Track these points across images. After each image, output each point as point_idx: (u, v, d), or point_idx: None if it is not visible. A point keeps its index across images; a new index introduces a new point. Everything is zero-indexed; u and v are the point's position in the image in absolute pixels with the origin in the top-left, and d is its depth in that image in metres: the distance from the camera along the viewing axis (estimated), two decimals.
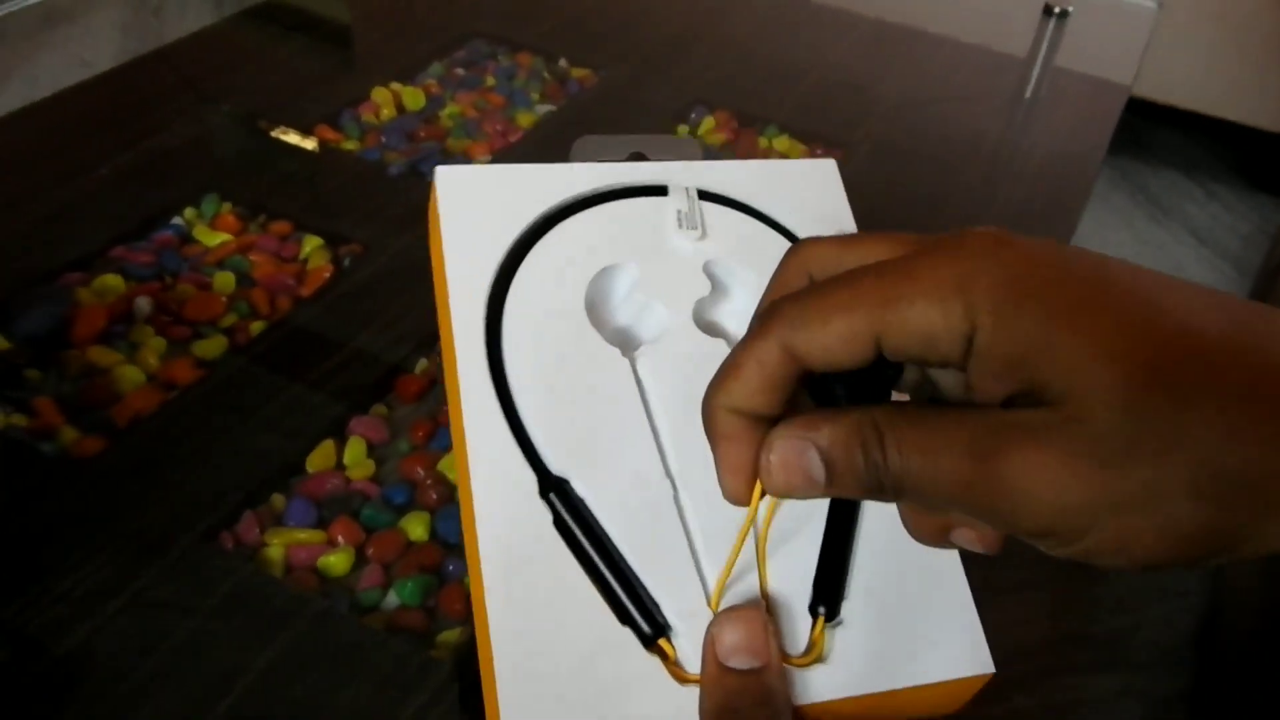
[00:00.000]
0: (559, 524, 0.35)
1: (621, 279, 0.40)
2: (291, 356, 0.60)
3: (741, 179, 0.43)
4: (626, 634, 0.34)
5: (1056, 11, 0.92)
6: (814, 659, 0.34)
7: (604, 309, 0.40)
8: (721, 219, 0.42)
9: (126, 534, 0.49)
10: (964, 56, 0.98)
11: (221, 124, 0.80)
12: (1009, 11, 1.03)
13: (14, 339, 0.59)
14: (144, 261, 0.65)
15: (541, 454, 0.36)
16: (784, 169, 0.44)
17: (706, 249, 0.41)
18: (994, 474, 0.24)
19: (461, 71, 0.88)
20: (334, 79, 0.86)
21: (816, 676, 0.34)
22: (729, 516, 0.30)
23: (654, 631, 0.33)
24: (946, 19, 1.02)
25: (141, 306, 0.62)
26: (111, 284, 0.63)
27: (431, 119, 0.82)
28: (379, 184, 0.75)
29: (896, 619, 0.36)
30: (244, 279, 0.65)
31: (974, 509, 0.25)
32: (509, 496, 0.35)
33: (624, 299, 0.41)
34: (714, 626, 0.33)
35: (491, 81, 0.87)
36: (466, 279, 0.38)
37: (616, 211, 0.41)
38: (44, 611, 0.46)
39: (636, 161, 0.43)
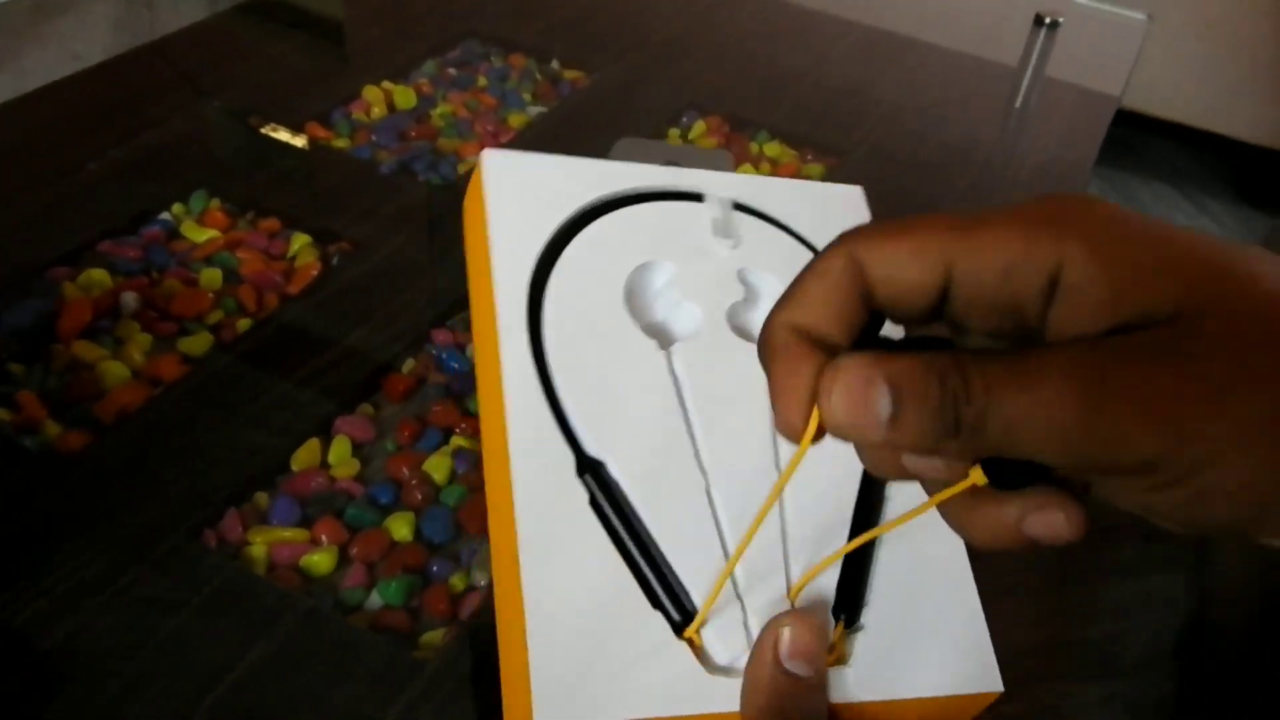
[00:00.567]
0: (594, 504, 0.35)
1: (659, 275, 0.41)
2: (278, 354, 0.60)
3: (773, 195, 0.44)
4: (656, 618, 0.34)
5: (1047, 22, 0.92)
6: (833, 662, 0.35)
7: (641, 302, 0.41)
8: (754, 231, 0.43)
9: (111, 530, 0.49)
10: (955, 65, 0.98)
11: (212, 120, 0.80)
12: (1000, 21, 1.03)
13: None
14: (131, 257, 0.65)
15: (578, 435, 0.36)
16: (813, 191, 0.46)
17: (740, 257, 0.42)
18: (1098, 396, 0.21)
19: (454, 71, 0.88)
20: (326, 76, 0.86)
21: (834, 679, 0.35)
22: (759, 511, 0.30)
23: (683, 619, 0.34)
24: (938, 27, 1.02)
25: (128, 302, 0.62)
26: (98, 279, 0.63)
27: (423, 118, 0.82)
28: (369, 182, 0.74)
29: (912, 631, 0.36)
30: (231, 275, 0.65)
31: (1072, 441, 0.22)
32: (546, 472, 0.35)
33: (660, 294, 0.41)
34: (780, 625, 0.33)
35: (484, 82, 0.87)
36: (511, 259, 0.38)
37: (656, 211, 0.42)
38: (28, 607, 0.46)
39: (674, 167, 0.44)
